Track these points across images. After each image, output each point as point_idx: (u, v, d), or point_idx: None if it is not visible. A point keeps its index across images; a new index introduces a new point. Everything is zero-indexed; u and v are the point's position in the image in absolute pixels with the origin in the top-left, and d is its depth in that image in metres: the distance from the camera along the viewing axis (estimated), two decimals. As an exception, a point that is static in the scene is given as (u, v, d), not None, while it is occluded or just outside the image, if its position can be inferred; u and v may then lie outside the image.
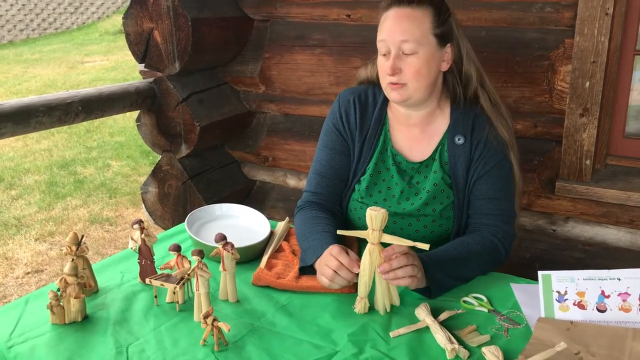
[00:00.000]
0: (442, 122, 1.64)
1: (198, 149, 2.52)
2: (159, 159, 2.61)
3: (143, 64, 2.51)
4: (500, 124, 1.59)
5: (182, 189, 2.56)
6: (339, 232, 1.36)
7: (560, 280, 1.30)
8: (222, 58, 2.61)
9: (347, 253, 1.38)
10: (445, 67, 1.59)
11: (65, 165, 5.73)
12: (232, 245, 1.37)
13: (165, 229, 2.65)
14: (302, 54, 2.48)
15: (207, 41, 2.43)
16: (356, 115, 1.68)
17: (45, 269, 3.70)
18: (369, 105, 1.69)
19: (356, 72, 2.35)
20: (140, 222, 1.47)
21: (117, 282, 1.50)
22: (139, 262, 1.48)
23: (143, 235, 1.45)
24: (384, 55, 1.55)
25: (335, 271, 1.36)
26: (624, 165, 2.07)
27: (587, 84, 1.93)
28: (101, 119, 7.29)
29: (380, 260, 1.31)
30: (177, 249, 1.40)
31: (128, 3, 2.42)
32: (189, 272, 1.33)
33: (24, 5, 14.85)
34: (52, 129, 7.00)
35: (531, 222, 2.17)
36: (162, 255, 1.61)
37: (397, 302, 1.36)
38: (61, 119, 2.12)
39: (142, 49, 2.45)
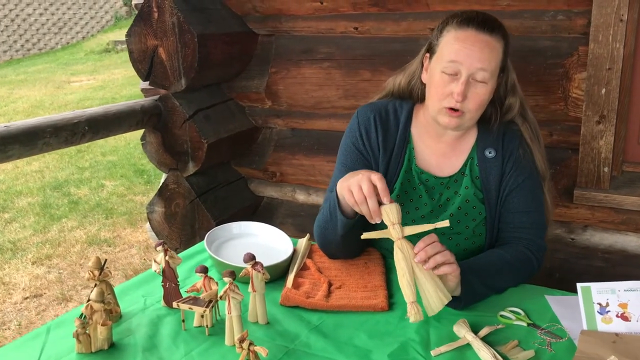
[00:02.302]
0: (470, 136, 1.61)
1: (205, 166, 2.48)
2: (158, 176, 2.56)
3: (147, 82, 2.46)
4: (540, 155, 1.58)
5: (190, 207, 2.51)
6: (363, 235, 1.30)
7: (600, 292, 1.27)
8: (227, 74, 2.58)
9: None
10: (491, 95, 1.53)
11: (58, 187, 5.64)
12: (262, 265, 1.33)
13: (173, 249, 2.60)
14: (310, 67, 2.45)
15: (212, 57, 2.39)
16: (377, 134, 1.62)
17: (45, 293, 3.61)
18: (391, 122, 1.63)
19: (365, 85, 2.36)
20: (163, 243, 1.42)
21: (141, 306, 1.44)
22: (162, 285, 1.43)
23: (167, 257, 1.40)
24: (450, 75, 1.45)
25: (365, 197, 1.29)
26: (640, 171, 2.07)
27: (603, 90, 1.92)
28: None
29: (413, 254, 1.26)
30: (204, 270, 1.35)
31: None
32: (219, 294, 1.28)
33: (7, 26, 14.74)
34: (43, 150, 6.90)
35: (550, 232, 2.14)
36: (183, 276, 1.56)
37: (446, 297, 1.27)
38: (68, 139, 2.07)
39: (147, 66, 2.41)
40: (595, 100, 1.94)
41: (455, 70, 1.45)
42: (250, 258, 1.33)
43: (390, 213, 1.28)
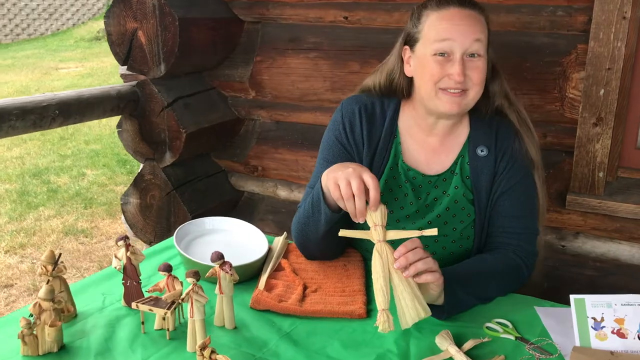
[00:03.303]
0: (461, 133, 1.51)
1: (183, 157, 2.36)
2: (139, 167, 2.45)
3: (125, 67, 2.34)
4: (529, 140, 1.48)
5: (166, 199, 2.40)
6: (341, 232, 1.21)
7: (595, 305, 1.18)
8: (210, 61, 2.46)
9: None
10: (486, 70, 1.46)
11: (38, 174, 5.50)
12: (231, 265, 1.22)
13: (147, 242, 2.49)
14: (296, 57, 2.34)
15: (195, 43, 2.28)
16: (362, 127, 1.52)
17: (15, 284, 3.48)
18: (377, 115, 1.53)
19: (353, 77, 2.25)
20: (125, 238, 1.31)
21: (99, 305, 1.33)
22: (123, 284, 1.31)
23: (128, 253, 1.29)
24: (443, 56, 1.37)
25: (354, 195, 1.20)
26: (636, 177, 1.98)
27: (602, 91, 1.82)
28: (76, 125, 7.07)
29: (393, 260, 1.16)
30: (167, 268, 1.24)
31: (104, 10, 2.25)
32: (182, 296, 1.17)
33: (-4, 10, 14.49)
34: (25, 136, 6.75)
35: (540, 237, 2.05)
36: (148, 274, 1.45)
37: (424, 310, 1.15)
38: (36, 123, 1.94)
39: (125, 50, 2.29)
40: (592, 102, 1.84)
41: (449, 48, 1.37)
42: (218, 257, 1.22)
43: (374, 213, 1.20)
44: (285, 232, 1.67)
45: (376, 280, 1.16)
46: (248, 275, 1.45)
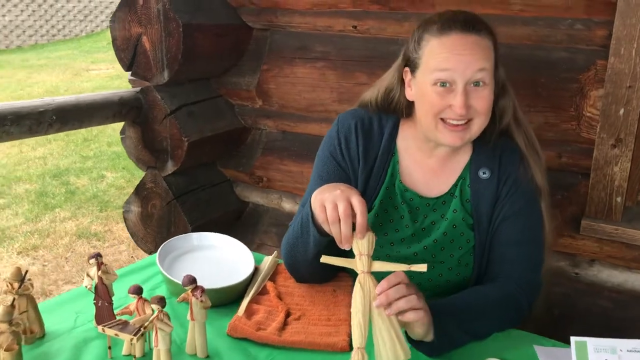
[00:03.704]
0: (464, 154, 1.42)
1: (186, 166, 2.31)
2: (142, 175, 2.40)
3: (129, 72, 2.30)
4: (536, 166, 1.37)
5: (167, 209, 2.34)
6: (322, 258, 1.12)
7: (598, 350, 1.07)
8: (216, 68, 2.41)
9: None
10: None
11: (58, 175, 5.53)
12: (203, 290, 1.14)
13: (148, 252, 2.44)
14: (303, 67, 2.26)
15: (200, 49, 2.22)
16: (358, 143, 1.44)
17: (24, 286, 3.47)
18: (375, 131, 1.45)
19: (361, 88, 2.16)
20: (97, 256, 1.24)
21: (70, 325, 1.27)
22: (94, 303, 1.25)
23: (100, 272, 1.23)
24: (444, 87, 1.27)
25: (339, 218, 1.13)
26: (658, 203, 1.84)
27: (622, 111, 1.70)
28: (99, 127, 7.11)
29: (375, 294, 1.07)
30: (137, 291, 1.17)
31: None
32: (145, 325, 1.10)
33: (34, 11, 14.79)
34: (49, 136, 6.82)
35: (551, 263, 1.92)
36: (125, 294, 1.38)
37: (405, 353, 1.06)
38: (32, 129, 1.90)
39: (130, 55, 2.25)
40: (611, 122, 1.72)
41: (450, 78, 1.27)
42: (190, 282, 1.15)
43: (360, 241, 1.11)
44: (275, 251, 1.59)
45: (354, 315, 1.07)
46: (232, 297, 1.38)
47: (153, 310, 1.16)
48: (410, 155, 1.44)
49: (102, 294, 1.24)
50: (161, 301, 1.08)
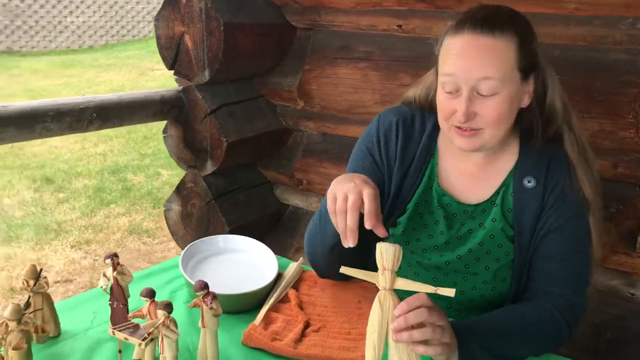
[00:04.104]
0: (508, 159, 1.32)
1: (225, 166, 2.29)
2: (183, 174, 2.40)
3: (172, 71, 2.30)
4: (586, 177, 1.26)
5: (206, 209, 2.33)
6: (342, 269, 1.04)
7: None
8: (258, 68, 2.38)
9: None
10: (526, 102, 1.26)
11: (116, 171, 5.68)
12: (214, 297, 1.10)
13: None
14: (345, 67, 2.20)
15: (241, 48, 2.19)
16: (398, 142, 1.37)
17: (75, 279, 3.57)
18: (415, 131, 1.38)
19: (404, 90, 2.08)
20: (114, 256, 1.22)
21: (86, 325, 1.25)
22: (110, 304, 1.23)
23: (115, 273, 1.20)
24: (449, 93, 1.21)
25: (346, 210, 1.10)
26: None
27: (687, 118, 1.55)
28: (159, 125, 7.27)
29: (393, 315, 0.99)
30: (149, 294, 1.13)
31: None
32: (149, 331, 1.06)
33: (105, 12, 15.36)
34: (111, 133, 7.04)
35: (604, 282, 1.79)
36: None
37: None
38: (72, 125, 1.93)
39: (173, 54, 2.25)
40: (675, 130, 1.57)
41: (454, 86, 1.19)
42: (201, 287, 1.10)
43: (385, 253, 1.01)
44: (301, 258, 1.54)
45: (369, 335, 1.00)
46: (251, 303, 1.33)
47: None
48: (450, 157, 1.36)
49: (118, 295, 1.21)
50: (167, 307, 1.04)
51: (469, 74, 1.17)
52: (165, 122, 2.36)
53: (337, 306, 1.33)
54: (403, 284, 1.01)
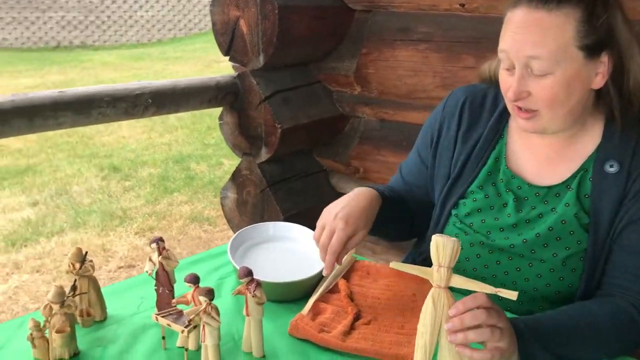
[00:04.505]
0: (589, 142, 1.22)
1: (280, 153, 2.24)
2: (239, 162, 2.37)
3: (228, 57, 2.28)
4: None
5: (260, 197, 2.30)
6: (392, 264, 0.97)
7: None
8: (315, 52, 2.32)
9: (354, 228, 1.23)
10: (599, 83, 1.15)
11: (180, 160, 5.79)
12: (258, 284, 1.05)
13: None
14: (405, 49, 2.11)
15: (296, 32, 2.14)
16: (461, 124, 1.34)
17: (138, 265, 3.65)
18: (485, 110, 1.33)
19: (467, 73, 1.97)
20: (159, 240, 1.19)
21: (132, 310, 1.24)
22: (155, 290, 1.20)
23: (161, 258, 1.17)
24: (507, 69, 1.16)
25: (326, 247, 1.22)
26: None
27: None
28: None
29: (448, 315, 0.92)
30: (193, 280, 1.10)
31: None
32: (190, 318, 1.03)
33: (173, 6, 15.75)
34: (175, 123, 7.19)
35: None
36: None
37: None
38: (127, 111, 1.93)
39: (228, 39, 2.22)
40: None
41: (509, 62, 1.14)
42: (245, 274, 1.06)
43: (442, 249, 0.91)
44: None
45: (420, 335, 0.93)
46: (299, 293, 1.28)
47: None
48: (521, 138, 1.29)
49: (163, 280, 1.18)
50: (209, 293, 1.00)
51: (519, 51, 1.11)
52: (221, 109, 2.34)
53: (390, 298, 1.26)
54: (460, 282, 0.93)
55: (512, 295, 0.88)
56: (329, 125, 2.36)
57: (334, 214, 1.23)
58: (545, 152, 1.25)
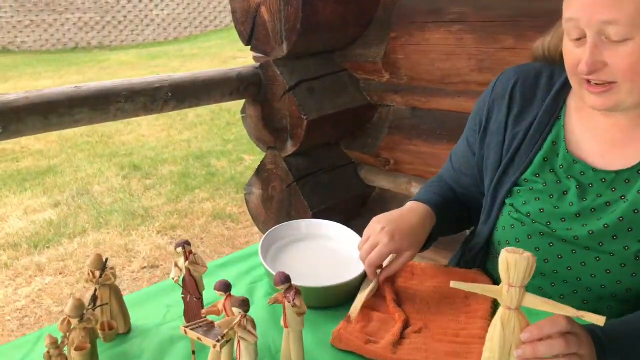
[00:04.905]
0: None
1: (306, 146, 2.13)
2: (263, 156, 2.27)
3: (249, 46, 2.17)
4: None
5: (287, 192, 2.19)
6: (452, 284, 0.86)
7: None
8: (340, 39, 2.19)
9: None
10: None
11: (200, 157, 5.71)
12: (297, 293, 0.94)
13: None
14: (436, 32, 1.98)
15: (321, 18, 2.02)
16: (512, 105, 1.21)
17: (161, 265, 3.57)
18: (539, 90, 1.20)
19: (506, 54, 1.84)
20: (185, 244, 1.09)
21: (159, 320, 1.14)
22: (183, 298, 1.10)
23: (187, 264, 1.07)
24: (576, 40, 1.03)
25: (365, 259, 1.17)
26: None
27: None
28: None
29: (519, 339, 0.80)
30: (224, 288, 0.99)
31: None
32: (224, 332, 0.92)
33: (188, 4, 15.70)
34: (195, 120, 7.13)
35: None
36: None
37: None
38: (147, 106, 1.83)
39: (249, 28, 2.11)
40: None
41: (578, 31, 1.01)
42: (282, 280, 0.95)
43: (514, 267, 0.78)
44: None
45: (486, 358, 0.81)
46: (340, 298, 1.16)
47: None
48: (582, 118, 1.16)
49: (191, 287, 1.08)
50: (243, 304, 0.89)
51: (592, 16, 0.98)
52: (243, 102, 2.24)
53: (440, 302, 1.14)
54: (535, 302, 0.80)
55: (599, 320, 0.76)
56: (357, 115, 2.24)
57: (380, 227, 1.16)
58: (610, 134, 1.12)
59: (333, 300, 1.15)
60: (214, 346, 0.94)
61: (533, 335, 0.79)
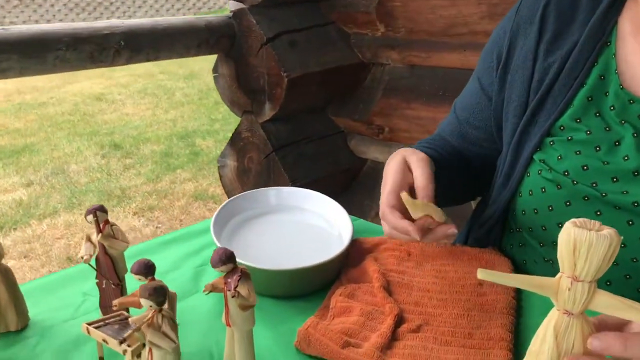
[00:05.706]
0: None
1: (287, 110, 1.84)
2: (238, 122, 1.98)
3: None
4: None
5: (265, 163, 1.90)
6: (479, 274, 0.56)
7: None
8: (327, -14, 1.90)
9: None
10: None
11: (185, 136, 5.43)
12: (242, 276, 0.65)
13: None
14: (440, -27, 1.68)
15: (304, -43, 1.72)
16: (544, 29, 0.93)
17: (135, 248, 3.28)
18: (580, 10, 0.91)
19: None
20: (97, 210, 0.80)
21: (69, 313, 0.85)
22: (97, 284, 0.82)
23: (100, 237, 0.78)
24: None
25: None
26: None
27: None
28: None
29: (581, 347, 0.53)
30: (143, 270, 0.70)
31: None
32: (133, 330, 0.63)
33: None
34: (182, 99, 6.82)
35: None
36: (165, 269, 0.94)
37: None
38: (94, 56, 1.54)
39: (221, -29, 1.81)
40: None
41: None
42: (222, 259, 0.66)
43: (587, 248, 0.51)
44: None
45: None
46: (311, 285, 0.88)
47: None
48: (638, 44, 0.87)
49: (107, 270, 0.80)
50: (156, 293, 0.60)
51: None
52: (215, 58, 1.94)
53: (444, 291, 0.85)
54: (609, 302, 0.52)
55: None
56: (346, 75, 1.95)
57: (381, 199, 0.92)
58: None
59: (301, 289, 0.87)
60: (124, 352, 0.66)
61: (595, 346, 0.51)
